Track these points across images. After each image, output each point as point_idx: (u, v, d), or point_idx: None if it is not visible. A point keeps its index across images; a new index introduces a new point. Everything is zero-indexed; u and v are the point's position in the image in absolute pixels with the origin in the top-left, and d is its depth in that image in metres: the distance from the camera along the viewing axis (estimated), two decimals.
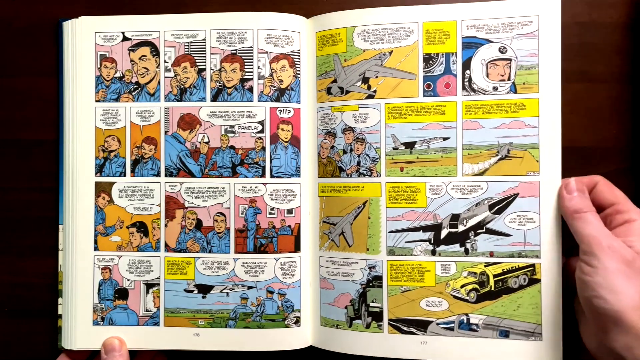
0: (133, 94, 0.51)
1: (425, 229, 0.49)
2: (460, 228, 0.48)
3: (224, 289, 0.50)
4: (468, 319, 0.48)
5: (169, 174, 0.51)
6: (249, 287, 0.50)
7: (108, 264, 0.51)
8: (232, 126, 0.50)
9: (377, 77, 0.49)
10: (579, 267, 0.43)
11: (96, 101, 0.52)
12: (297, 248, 0.51)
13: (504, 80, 0.48)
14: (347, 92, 0.49)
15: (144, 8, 0.53)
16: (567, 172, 0.51)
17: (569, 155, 0.51)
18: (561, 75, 0.51)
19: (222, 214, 0.50)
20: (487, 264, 0.48)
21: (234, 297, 0.50)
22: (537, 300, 0.47)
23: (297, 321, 0.50)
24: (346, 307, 0.50)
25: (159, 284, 0.51)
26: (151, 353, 0.52)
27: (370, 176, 0.49)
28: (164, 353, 0.53)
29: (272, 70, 0.50)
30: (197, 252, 0.51)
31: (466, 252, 0.48)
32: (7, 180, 0.53)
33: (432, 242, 0.49)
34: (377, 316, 0.49)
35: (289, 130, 0.50)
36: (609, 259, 0.41)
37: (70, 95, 0.52)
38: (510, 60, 0.48)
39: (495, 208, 0.48)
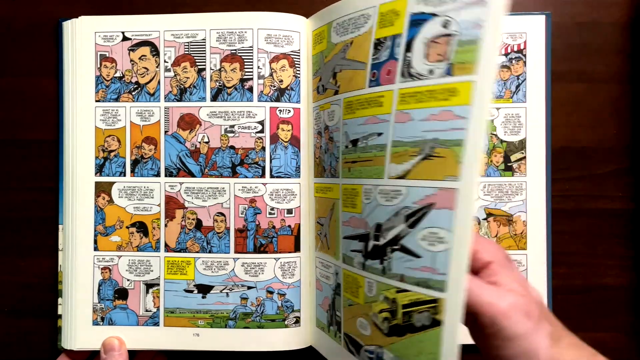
0: (133, 93, 0.51)
1: (360, 238, 0.42)
2: (381, 241, 0.40)
3: (223, 289, 0.50)
4: (382, 355, 0.40)
5: (168, 174, 0.51)
6: (249, 287, 0.50)
7: (108, 264, 0.51)
8: (232, 126, 0.50)
9: (341, 70, 0.45)
10: (487, 345, 0.35)
11: (96, 101, 0.52)
12: (297, 248, 0.50)
13: (441, 60, 0.37)
14: (325, 89, 0.48)
15: (144, 8, 0.53)
16: (567, 172, 0.51)
17: (569, 155, 0.52)
18: (561, 75, 0.51)
19: (222, 214, 0.50)
20: (398, 290, 0.38)
21: (233, 297, 0.50)
22: (436, 349, 0.35)
23: (297, 321, 0.50)
24: (327, 311, 0.49)
25: (158, 284, 0.51)
26: (151, 353, 0.52)
27: (334, 177, 0.46)
28: (164, 353, 0.53)
29: (272, 70, 0.50)
30: (197, 252, 0.51)
31: (383, 271, 0.40)
32: (7, 180, 0.53)
33: (363, 254, 0.42)
34: (339, 326, 0.46)
35: (288, 130, 0.50)
36: (515, 322, 0.34)
37: (70, 95, 0.52)
38: (452, 35, 0.37)
39: (411, 220, 0.38)
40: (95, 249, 0.51)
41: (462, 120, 0.35)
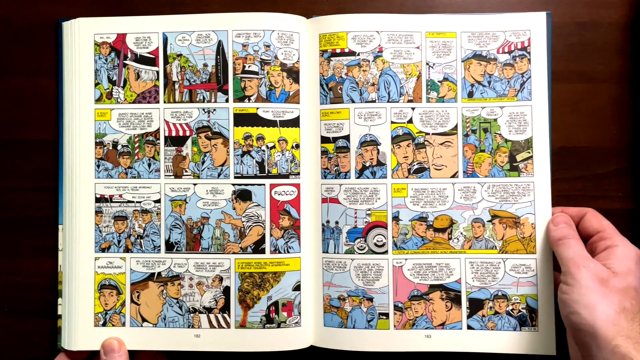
0: None
1: None
2: None
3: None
4: None
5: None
6: None
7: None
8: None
9: None
10: (559, 288, 0.45)
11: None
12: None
13: None
14: None
15: (144, 8, 0.53)
16: (567, 172, 0.52)
17: (569, 155, 0.51)
18: (561, 75, 0.51)
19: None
20: None
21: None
22: None
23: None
24: None
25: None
26: (151, 353, 0.52)
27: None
28: (163, 353, 0.53)
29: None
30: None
31: None
32: (7, 180, 0.53)
33: None
34: None
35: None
36: (584, 277, 0.43)
37: (70, 95, 0.52)
38: None
39: None
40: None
41: None
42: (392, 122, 0.50)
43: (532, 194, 0.50)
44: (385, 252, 0.50)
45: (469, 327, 0.50)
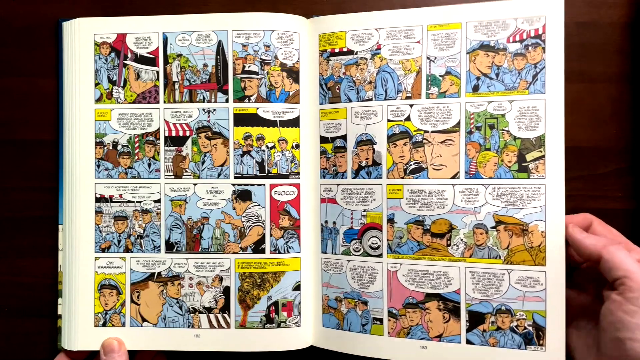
0: None
1: None
2: None
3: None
4: None
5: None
6: None
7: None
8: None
9: None
10: (618, 304, 0.39)
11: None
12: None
13: None
14: None
15: (144, 8, 0.53)
16: (567, 172, 0.51)
17: (569, 155, 0.51)
18: (562, 75, 0.51)
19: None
20: None
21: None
22: None
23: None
24: None
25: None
26: (151, 353, 0.52)
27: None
28: (164, 353, 0.53)
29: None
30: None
31: None
32: (7, 180, 0.53)
33: None
34: None
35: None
36: None
37: (70, 95, 0.52)
38: None
39: None
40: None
41: None
42: (389, 120, 0.49)
43: (543, 198, 0.45)
44: (380, 255, 0.49)
45: (468, 342, 0.46)
